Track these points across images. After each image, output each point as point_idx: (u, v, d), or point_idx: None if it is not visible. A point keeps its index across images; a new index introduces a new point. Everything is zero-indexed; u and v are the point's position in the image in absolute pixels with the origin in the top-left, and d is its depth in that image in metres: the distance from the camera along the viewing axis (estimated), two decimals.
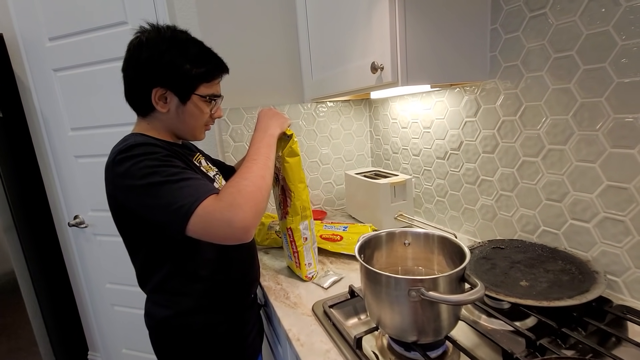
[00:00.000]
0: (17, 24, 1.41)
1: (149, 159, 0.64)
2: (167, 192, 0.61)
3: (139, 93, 0.73)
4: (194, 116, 0.75)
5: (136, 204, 0.65)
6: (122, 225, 0.76)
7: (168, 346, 0.78)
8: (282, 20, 1.37)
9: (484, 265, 0.81)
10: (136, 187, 0.62)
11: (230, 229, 0.59)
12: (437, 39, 0.85)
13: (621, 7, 0.66)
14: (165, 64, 0.69)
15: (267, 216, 1.32)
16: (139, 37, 0.71)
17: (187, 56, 0.70)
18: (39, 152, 1.56)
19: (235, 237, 0.61)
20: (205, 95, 0.74)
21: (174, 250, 0.73)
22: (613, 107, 0.70)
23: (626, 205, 0.71)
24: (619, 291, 0.75)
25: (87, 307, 1.73)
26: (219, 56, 0.77)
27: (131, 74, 0.73)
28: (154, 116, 0.74)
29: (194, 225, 0.59)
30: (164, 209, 0.61)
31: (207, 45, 0.76)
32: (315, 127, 1.51)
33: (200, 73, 0.72)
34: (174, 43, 0.70)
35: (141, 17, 1.25)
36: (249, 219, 0.60)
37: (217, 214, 0.59)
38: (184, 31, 0.74)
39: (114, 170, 0.66)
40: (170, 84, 0.70)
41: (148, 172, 0.62)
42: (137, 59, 0.70)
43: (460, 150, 1.11)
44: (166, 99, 0.72)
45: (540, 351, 0.58)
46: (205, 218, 0.59)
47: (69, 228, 1.59)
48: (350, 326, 0.76)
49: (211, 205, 0.60)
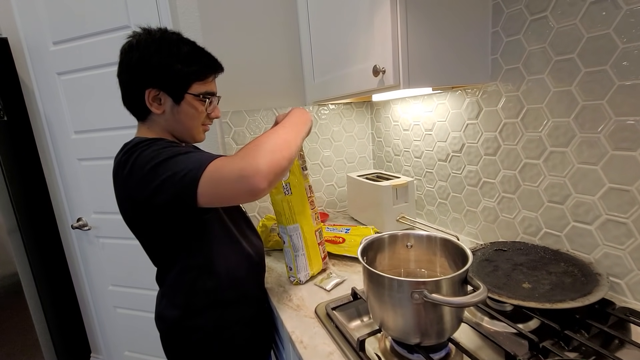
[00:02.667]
0: (22, 28, 1.43)
1: (152, 147, 0.65)
2: (174, 164, 0.60)
3: (133, 96, 0.73)
4: (189, 116, 0.75)
5: (149, 193, 0.62)
6: (139, 228, 0.75)
7: (179, 349, 0.79)
8: (284, 23, 1.38)
9: (487, 267, 0.81)
10: (145, 174, 0.62)
11: (241, 177, 0.56)
12: (439, 42, 0.86)
13: (622, 10, 0.66)
14: (156, 64, 0.69)
15: (269, 218, 1.32)
16: (129, 41, 0.72)
17: (178, 55, 0.70)
18: (43, 154, 1.57)
19: (247, 187, 0.57)
20: (198, 94, 0.74)
21: (187, 244, 0.74)
22: (614, 109, 0.71)
23: (628, 208, 0.71)
24: (621, 293, 0.75)
25: (89, 309, 1.73)
26: (212, 55, 0.77)
27: (125, 77, 0.73)
28: (151, 119, 0.75)
29: (204, 187, 0.57)
30: (172, 179, 0.59)
31: (199, 45, 0.76)
32: (317, 129, 1.52)
33: (191, 71, 0.72)
34: (164, 43, 0.70)
35: (144, 21, 1.26)
36: (263, 167, 0.57)
37: (228, 165, 0.58)
38: (175, 32, 0.74)
39: (122, 173, 0.67)
40: (162, 84, 0.70)
41: (153, 154, 0.63)
42: (129, 61, 0.71)
43: (462, 152, 1.11)
44: (160, 100, 0.72)
45: (543, 353, 0.58)
46: (215, 174, 0.57)
47: (72, 230, 1.60)
48: (353, 328, 0.76)
49: (221, 160, 0.59)
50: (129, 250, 1.52)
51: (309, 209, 0.93)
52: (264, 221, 1.28)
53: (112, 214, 1.51)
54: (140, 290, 1.58)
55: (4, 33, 1.45)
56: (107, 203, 1.50)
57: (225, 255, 0.78)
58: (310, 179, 0.97)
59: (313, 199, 0.96)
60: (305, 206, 0.92)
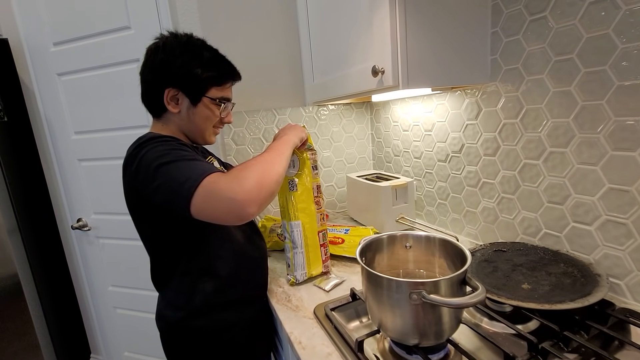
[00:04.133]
0: (22, 29, 1.43)
1: (162, 145, 0.67)
2: (175, 169, 0.62)
3: (153, 94, 0.76)
4: (203, 117, 0.78)
5: (150, 191, 0.65)
6: (140, 222, 0.77)
7: (180, 350, 0.79)
8: (283, 24, 1.38)
9: (486, 268, 0.81)
10: (149, 172, 0.64)
11: (232, 201, 0.59)
12: (438, 43, 0.86)
13: (621, 10, 0.66)
14: (178, 66, 0.73)
15: (269, 219, 1.32)
16: (156, 43, 0.76)
17: (200, 60, 0.74)
18: (43, 155, 1.57)
19: (237, 210, 0.60)
20: (215, 98, 0.77)
21: (188, 246, 0.75)
22: (614, 109, 0.70)
23: (628, 208, 0.71)
24: (621, 294, 0.75)
25: (89, 309, 1.73)
26: (232, 63, 0.81)
27: (147, 75, 0.77)
28: (166, 117, 0.78)
29: (198, 198, 0.59)
30: (171, 184, 0.62)
31: (221, 53, 0.80)
32: (317, 130, 1.52)
33: (211, 76, 0.75)
34: (188, 48, 0.75)
35: (144, 22, 1.27)
36: (253, 191, 0.60)
37: (221, 185, 0.60)
38: (200, 38, 0.79)
39: (131, 167, 0.68)
40: (182, 85, 0.74)
41: (160, 154, 0.65)
42: (153, 61, 0.75)
43: (462, 152, 1.11)
44: (178, 100, 0.76)
45: (542, 354, 0.57)
46: (209, 189, 0.60)
47: (72, 231, 1.60)
48: (352, 329, 0.76)
49: (216, 177, 0.61)
50: (129, 250, 1.52)
51: (314, 208, 0.93)
52: (264, 221, 1.28)
53: (112, 215, 1.51)
54: (140, 290, 1.58)
55: (4, 34, 1.46)
56: (107, 203, 1.50)
57: (227, 257, 0.78)
58: (320, 179, 0.97)
59: (320, 199, 0.95)
60: (310, 205, 0.92)
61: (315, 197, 0.94)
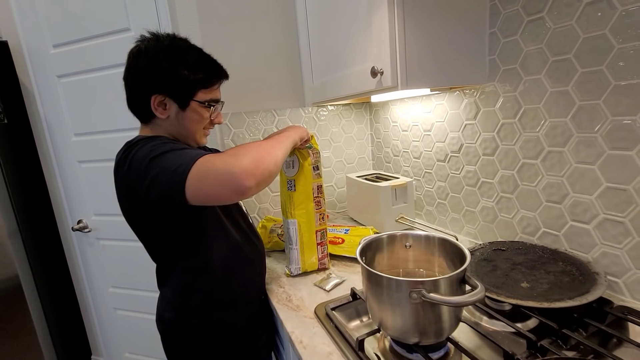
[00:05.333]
0: (22, 32, 1.43)
1: (152, 141, 0.67)
2: (165, 160, 0.62)
3: (139, 100, 0.74)
4: (193, 121, 0.76)
5: (144, 189, 0.63)
6: (139, 226, 0.76)
7: (180, 351, 0.80)
8: (283, 26, 1.38)
9: (485, 267, 0.81)
10: (142, 170, 0.63)
11: (228, 174, 0.58)
12: (436, 43, 0.86)
13: (617, 11, 0.67)
14: (163, 71, 0.70)
15: (269, 219, 1.33)
16: (138, 46, 0.73)
17: (185, 63, 0.71)
18: (43, 157, 1.58)
19: (232, 183, 0.58)
20: (204, 101, 0.75)
21: (186, 246, 0.75)
22: (611, 109, 0.71)
23: (626, 207, 0.71)
24: (619, 292, 0.75)
25: (90, 311, 1.73)
26: (218, 62, 0.78)
27: (131, 81, 0.74)
28: (155, 122, 0.76)
29: (192, 180, 0.58)
30: (164, 173, 0.61)
31: (206, 52, 0.77)
32: (317, 130, 1.52)
33: (198, 79, 0.73)
34: (172, 50, 0.71)
35: (144, 24, 1.27)
36: (251, 166, 0.59)
37: (216, 162, 0.59)
38: (183, 38, 0.75)
39: (122, 170, 0.68)
40: (168, 90, 0.72)
41: (150, 149, 0.64)
42: (136, 66, 0.72)
43: (461, 152, 1.11)
44: (165, 105, 0.73)
45: (541, 352, 0.58)
46: (204, 169, 0.59)
47: (72, 232, 1.60)
48: (353, 328, 0.76)
49: (209, 157, 0.60)
50: (129, 252, 1.52)
51: (312, 208, 0.95)
52: (264, 222, 1.29)
53: (112, 216, 1.51)
54: (140, 292, 1.58)
55: (4, 36, 1.46)
56: (107, 205, 1.51)
57: (225, 257, 0.78)
58: (322, 180, 0.98)
59: (321, 199, 0.97)
60: (308, 205, 0.94)
61: (315, 197, 0.95)
